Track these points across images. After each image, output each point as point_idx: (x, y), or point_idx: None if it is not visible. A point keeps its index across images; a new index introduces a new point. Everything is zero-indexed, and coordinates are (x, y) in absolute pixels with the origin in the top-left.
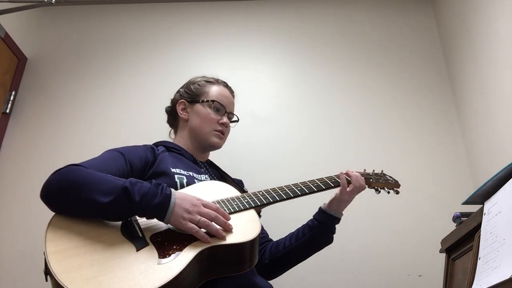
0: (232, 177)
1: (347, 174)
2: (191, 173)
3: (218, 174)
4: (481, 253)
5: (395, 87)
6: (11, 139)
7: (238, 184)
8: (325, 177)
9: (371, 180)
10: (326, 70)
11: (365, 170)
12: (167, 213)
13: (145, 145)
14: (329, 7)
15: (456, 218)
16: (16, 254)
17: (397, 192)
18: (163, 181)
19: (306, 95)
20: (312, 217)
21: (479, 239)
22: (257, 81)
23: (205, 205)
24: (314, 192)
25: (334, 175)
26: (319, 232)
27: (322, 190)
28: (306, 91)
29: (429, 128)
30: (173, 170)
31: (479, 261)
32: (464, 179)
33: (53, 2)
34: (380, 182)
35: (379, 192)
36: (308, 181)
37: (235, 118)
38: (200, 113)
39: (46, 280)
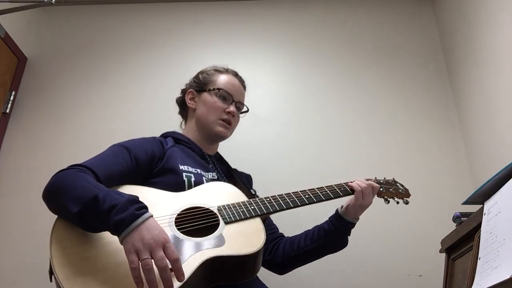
0: (241, 171)
1: (351, 187)
2: (199, 170)
3: (226, 170)
4: (481, 253)
5: (395, 87)
6: (11, 139)
7: (247, 180)
8: (335, 185)
9: (381, 189)
10: (326, 70)
11: (375, 178)
12: (123, 232)
13: (153, 138)
14: (328, 7)
15: (456, 218)
16: (16, 254)
17: (407, 202)
18: (171, 178)
19: (305, 95)
20: (328, 220)
21: (479, 239)
22: (257, 81)
23: (166, 249)
24: (322, 201)
25: (344, 183)
26: (335, 237)
27: (331, 199)
28: (305, 91)
29: (429, 128)
30: (181, 167)
31: (479, 261)
32: (464, 179)
33: (53, 2)
34: (390, 191)
35: (388, 202)
36: (317, 188)
37: (244, 109)
38: (206, 101)
39: (51, 281)
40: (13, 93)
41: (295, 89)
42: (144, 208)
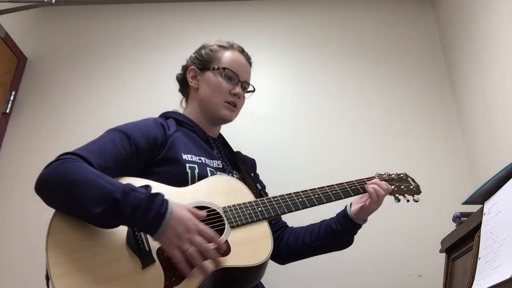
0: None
1: (366, 188)
2: (203, 158)
3: (230, 155)
4: (481, 253)
5: (395, 87)
6: (11, 139)
7: (251, 166)
8: (345, 183)
9: (393, 187)
10: (326, 70)
11: (387, 173)
12: (156, 233)
13: (154, 120)
14: (329, 7)
15: (456, 218)
16: (16, 254)
17: (417, 200)
18: (173, 169)
19: (306, 95)
20: (336, 219)
21: (479, 239)
22: (256, 81)
23: (200, 232)
24: (332, 201)
25: (356, 181)
26: (343, 237)
27: (341, 199)
28: (306, 91)
29: (429, 128)
30: (184, 156)
31: (479, 261)
32: (464, 179)
33: (53, 2)
34: (401, 189)
35: (399, 200)
36: (327, 187)
37: (250, 88)
38: (210, 81)
39: (48, 286)
40: (13, 93)
41: (295, 89)
42: (164, 199)
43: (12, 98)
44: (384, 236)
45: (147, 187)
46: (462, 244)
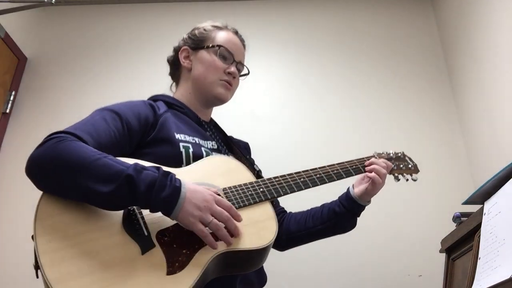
0: (237, 138)
1: (367, 175)
2: (196, 139)
3: (224, 138)
4: (481, 253)
5: (395, 87)
6: (11, 139)
7: (246, 150)
8: (346, 162)
9: (393, 166)
10: (326, 69)
11: (385, 152)
12: (175, 209)
13: (143, 101)
14: (329, 6)
15: (456, 218)
16: (16, 255)
17: (415, 179)
18: (166, 149)
19: (305, 94)
20: (338, 201)
21: (479, 239)
22: (256, 80)
23: (218, 202)
24: (334, 181)
25: (356, 160)
26: (347, 219)
27: (343, 178)
28: (306, 90)
29: (429, 128)
30: (177, 136)
31: (479, 261)
32: (464, 179)
33: (53, 2)
34: (400, 168)
35: (399, 180)
36: (328, 166)
37: (245, 71)
38: (204, 60)
39: (37, 276)
40: (13, 93)
41: (296, 89)
42: (176, 176)
43: (12, 98)
44: (384, 236)
45: (158, 167)
46: (462, 244)
